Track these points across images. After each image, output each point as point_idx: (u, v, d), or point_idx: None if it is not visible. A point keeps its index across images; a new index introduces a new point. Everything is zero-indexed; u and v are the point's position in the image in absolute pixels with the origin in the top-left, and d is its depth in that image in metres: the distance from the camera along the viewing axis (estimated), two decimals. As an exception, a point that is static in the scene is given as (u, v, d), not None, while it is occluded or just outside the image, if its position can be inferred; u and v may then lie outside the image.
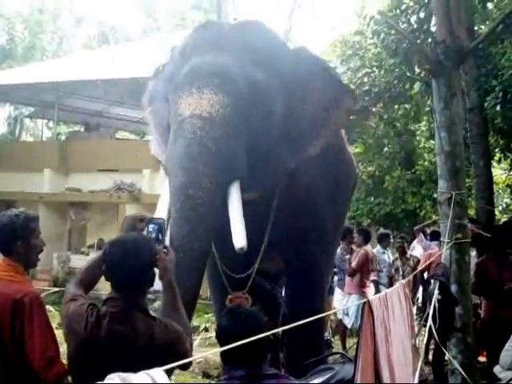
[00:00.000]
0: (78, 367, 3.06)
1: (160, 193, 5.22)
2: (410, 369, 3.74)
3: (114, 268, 3.06)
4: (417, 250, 11.41)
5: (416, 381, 3.26)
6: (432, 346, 8.51)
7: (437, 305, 4.06)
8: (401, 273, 10.53)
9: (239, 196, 5.13)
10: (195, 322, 13.10)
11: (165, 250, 3.33)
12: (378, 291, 9.34)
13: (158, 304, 13.17)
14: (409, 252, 11.41)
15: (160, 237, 3.41)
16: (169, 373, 2.38)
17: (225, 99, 5.10)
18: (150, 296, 12.81)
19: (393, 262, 10.71)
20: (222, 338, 3.08)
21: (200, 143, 4.93)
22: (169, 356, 2.75)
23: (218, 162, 4.98)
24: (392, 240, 12.66)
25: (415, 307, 6.71)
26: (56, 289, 15.44)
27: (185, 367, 1.90)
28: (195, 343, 11.13)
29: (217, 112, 5.05)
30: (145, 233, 3.48)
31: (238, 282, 6.10)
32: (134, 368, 1.84)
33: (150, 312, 3.12)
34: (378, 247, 10.97)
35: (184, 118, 5.02)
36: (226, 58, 5.26)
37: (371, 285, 10.06)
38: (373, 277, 10.19)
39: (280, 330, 2.63)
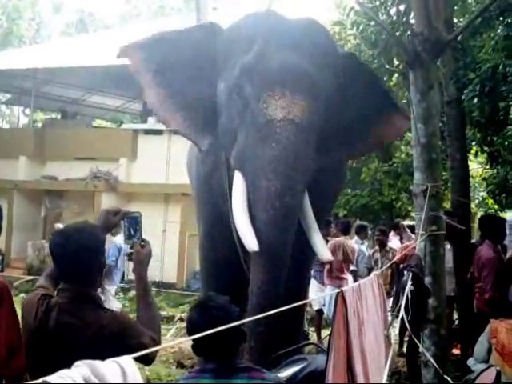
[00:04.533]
0: (31, 358, 3.01)
1: (136, 182, 5.21)
2: (383, 359, 3.74)
3: (58, 257, 3.02)
4: (393, 242, 11.45)
5: (387, 371, 3.25)
6: (406, 338, 8.56)
7: (409, 296, 4.06)
8: (379, 265, 10.57)
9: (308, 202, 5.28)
10: (170, 312, 13.10)
11: (142, 243, 3.28)
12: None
13: (132, 294, 13.20)
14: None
15: (136, 231, 3.36)
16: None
17: (313, 105, 5.15)
18: (124, 285, 12.78)
19: (372, 253, 10.73)
20: (192, 331, 3.04)
21: (295, 150, 4.97)
22: (118, 347, 2.70)
23: (307, 169, 5.07)
24: (370, 232, 12.72)
25: (391, 299, 6.74)
26: (30, 277, 15.39)
27: (145, 361, 1.83)
28: (170, 333, 11.11)
29: (306, 118, 5.08)
30: (121, 226, 3.43)
31: None
32: (83, 359, 1.79)
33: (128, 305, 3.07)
34: (356, 238, 10.99)
35: (274, 119, 5.01)
36: (308, 61, 5.24)
37: (349, 276, 10.10)
38: (352, 267, 10.24)
39: (246, 320, 2.60)
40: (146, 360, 1.84)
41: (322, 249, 5.54)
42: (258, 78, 5.16)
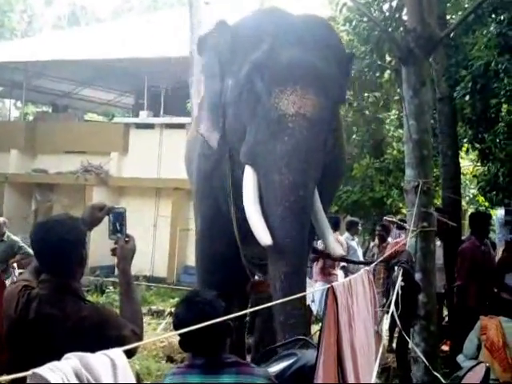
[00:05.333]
0: (11, 349, 2.99)
1: (128, 176, 5.22)
2: (373, 355, 3.74)
3: (38, 249, 3.02)
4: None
5: (377, 367, 3.25)
6: (396, 334, 8.58)
7: (400, 291, 4.06)
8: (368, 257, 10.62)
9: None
10: (160, 306, 13.10)
11: (127, 239, 3.27)
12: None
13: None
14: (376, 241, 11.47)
15: (121, 226, 3.35)
16: None
17: (324, 101, 5.20)
18: (113, 279, 12.76)
19: (372, 247, 10.79)
20: (179, 326, 3.03)
21: (308, 144, 5.02)
22: (99, 339, 2.70)
23: (318, 163, 5.14)
24: (360, 228, 12.73)
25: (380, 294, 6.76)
26: (20, 270, 15.35)
27: (126, 354, 1.83)
28: (160, 327, 11.11)
29: (318, 114, 5.13)
30: (106, 222, 3.42)
31: (261, 268, 6.13)
32: (64, 351, 1.79)
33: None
34: (347, 234, 10.99)
35: (286, 114, 5.05)
36: (318, 57, 5.31)
37: (340, 272, 10.11)
38: (342, 263, 10.25)
39: (234, 316, 2.59)
40: (127, 353, 1.83)
41: (335, 245, 5.64)
42: (269, 73, 5.20)
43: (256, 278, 6.36)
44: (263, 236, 4.91)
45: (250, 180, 5.22)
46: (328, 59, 5.38)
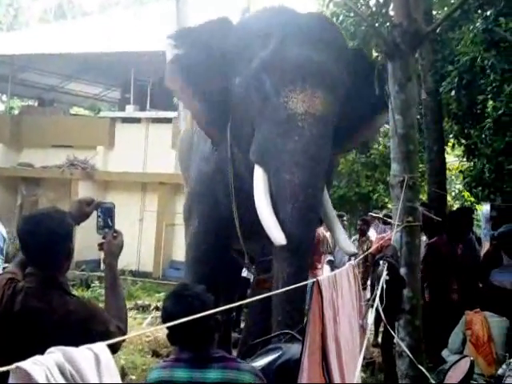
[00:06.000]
0: None
1: (114, 170, 5.23)
2: (358, 349, 3.75)
3: (25, 242, 3.02)
4: (370, 233, 11.49)
5: (361, 360, 3.25)
6: (382, 329, 8.60)
7: (385, 286, 4.07)
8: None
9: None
10: (146, 300, 13.09)
11: (115, 234, 3.27)
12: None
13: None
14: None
15: (109, 221, 3.35)
16: None
17: (332, 99, 5.24)
18: (99, 274, 12.75)
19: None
20: (167, 320, 3.03)
21: (317, 143, 5.05)
22: (84, 333, 2.72)
23: (328, 161, 5.20)
24: (346, 222, 12.76)
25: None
26: (6, 264, 15.26)
27: (110, 349, 1.81)
28: (145, 322, 11.11)
29: (327, 112, 5.17)
30: (94, 217, 3.42)
31: (267, 265, 6.16)
32: (49, 345, 1.78)
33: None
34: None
35: (296, 113, 5.05)
36: (326, 56, 5.32)
37: (326, 266, 10.13)
38: (328, 257, 10.28)
39: (222, 309, 2.59)
40: (111, 348, 1.82)
41: (347, 243, 5.68)
42: (278, 72, 5.21)
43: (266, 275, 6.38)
44: (277, 235, 4.91)
45: (260, 179, 5.24)
46: (336, 58, 5.40)
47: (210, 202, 6.47)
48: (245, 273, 8.70)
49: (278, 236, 4.89)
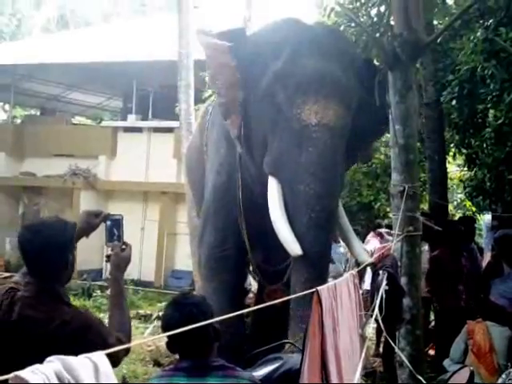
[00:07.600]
0: None
1: (115, 179, 5.23)
2: (357, 359, 3.75)
3: (25, 251, 3.00)
4: (371, 243, 11.46)
5: (360, 370, 3.26)
6: (383, 339, 8.58)
7: (384, 295, 4.07)
8: (349, 265, 10.58)
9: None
10: (148, 310, 13.07)
11: (124, 247, 3.27)
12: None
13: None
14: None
15: (118, 233, 3.34)
16: None
17: (344, 110, 5.28)
18: (101, 283, 12.76)
19: (346, 252, 10.76)
20: (167, 328, 3.04)
21: (331, 154, 5.10)
22: (81, 344, 2.70)
23: (341, 172, 5.31)
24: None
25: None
26: (8, 274, 15.27)
27: (111, 362, 1.79)
28: (147, 331, 11.09)
29: (340, 123, 5.22)
30: (102, 229, 3.41)
31: (274, 275, 6.16)
32: (45, 354, 1.79)
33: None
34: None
35: (309, 124, 5.09)
36: (338, 67, 5.38)
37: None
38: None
39: (221, 318, 2.60)
40: (112, 361, 1.81)
41: (362, 252, 5.76)
42: (292, 84, 5.25)
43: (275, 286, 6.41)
44: (294, 247, 4.96)
45: (274, 190, 5.28)
46: (348, 70, 5.48)
47: (223, 213, 6.49)
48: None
49: (294, 247, 4.94)
